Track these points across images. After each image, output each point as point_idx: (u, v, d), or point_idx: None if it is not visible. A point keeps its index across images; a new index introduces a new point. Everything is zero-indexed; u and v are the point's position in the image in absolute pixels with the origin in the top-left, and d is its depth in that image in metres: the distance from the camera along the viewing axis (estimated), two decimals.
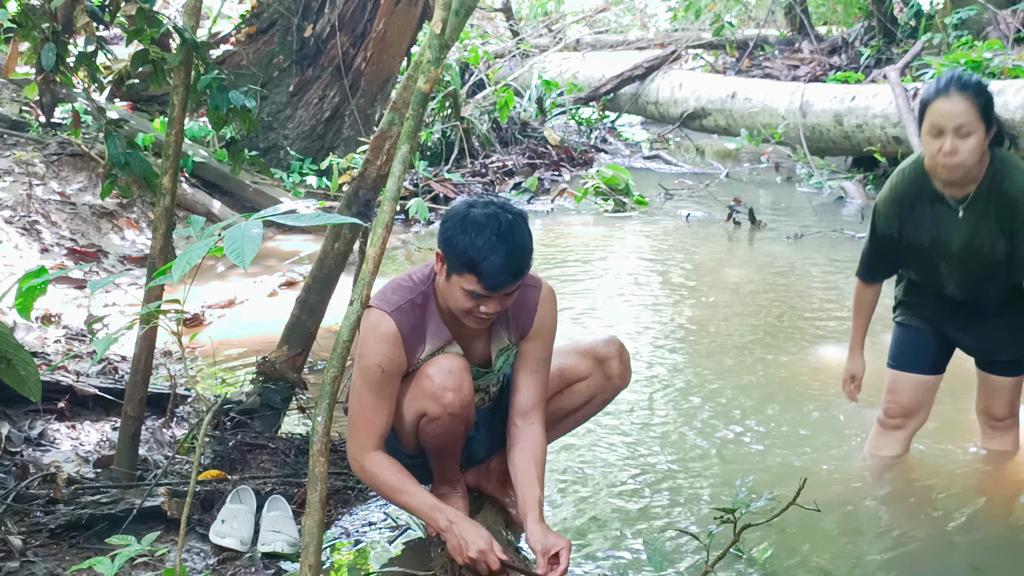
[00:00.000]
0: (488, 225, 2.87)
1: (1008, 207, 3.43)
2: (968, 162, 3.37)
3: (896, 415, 3.88)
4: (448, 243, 2.92)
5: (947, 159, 3.37)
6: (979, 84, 3.44)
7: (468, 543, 2.91)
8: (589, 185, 9.26)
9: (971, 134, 3.36)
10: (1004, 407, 3.81)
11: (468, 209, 2.93)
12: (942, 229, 3.53)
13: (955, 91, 3.37)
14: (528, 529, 2.99)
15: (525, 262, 2.92)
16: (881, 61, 12.30)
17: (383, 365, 3.01)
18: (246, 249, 2.28)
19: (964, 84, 3.40)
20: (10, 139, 7.59)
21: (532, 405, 3.18)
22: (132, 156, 3.53)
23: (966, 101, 3.36)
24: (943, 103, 3.38)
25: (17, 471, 3.55)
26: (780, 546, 3.39)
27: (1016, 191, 3.43)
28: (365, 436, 3.05)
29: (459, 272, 2.91)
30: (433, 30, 2.70)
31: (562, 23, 16.25)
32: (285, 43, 8.88)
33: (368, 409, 3.05)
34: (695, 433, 4.34)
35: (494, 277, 2.87)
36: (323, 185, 8.71)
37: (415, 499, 3.03)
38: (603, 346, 3.39)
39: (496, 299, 2.94)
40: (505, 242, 2.87)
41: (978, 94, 3.39)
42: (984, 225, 3.47)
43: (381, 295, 3.06)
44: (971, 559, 3.40)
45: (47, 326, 5.04)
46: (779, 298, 6.45)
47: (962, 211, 3.47)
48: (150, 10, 3.37)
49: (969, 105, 3.36)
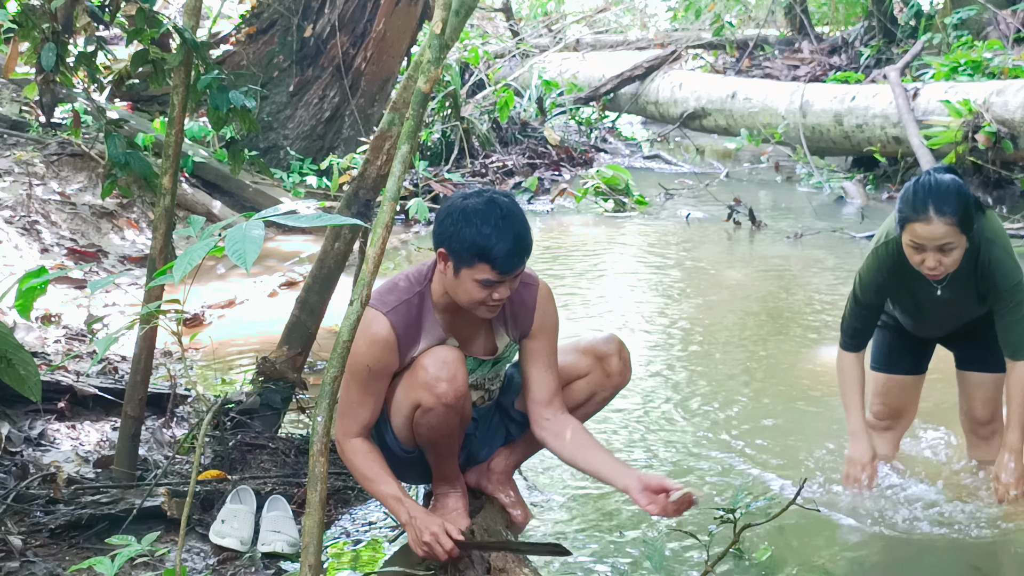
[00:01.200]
0: (490, 212, 2.92)
1: (986, 276, 3.46)
2: (952, 269, 3.38)
3: (886, 417, 3.89)
4: (453, 239, 2.94)
5: (931, 272, 3.38)
6: (957, 199, 3.29)
7: (422, 530, 2.93)
8: (589, 185, 9.25)
9: (954, 248, 3.33)
10: (985, 409, 3.79)
11: (463, 202, 2.97)
12: (922, 299, 3.58)
13: (934, 214, 3.27)
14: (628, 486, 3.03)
15: (530, 240, 2.99)
16: (881, 61, 12.30)
17: (371, 365, 3.05)
18: (248, 250, 2.28)
19: (941, 205, 3.27)
20: (10, 139, 7.59)
21: (553, 394, 3.23)
22: (132, 156, 3.53)
23: (945, 224, 3.27)
24: (922, 227, 3.29)
25: (17, 471, 3.55)
26: (780, 546, 3.38)
27: (994, 262, 3.44)
28: (350, 422, 3.11)
29: (469, 264, 2.93)
30: (433, 30, 2.69)
31: (562, 23, 16.24)
32: (285, 43, 8.88)
33: (354, 402, 3.10)
34: (694, 433, 4.34)
35: (507, 260, 2.92)
36: (323, 185, 8.70)
37: (382, 488, 3.06)
38: (603, 344, 3.41)
39: (507, 283, 2.98)
40: (510, 224, 2.92)
41: (956, 211, 3.27)
42: (964, 293, 3.52)
43: (376, 295, 3.06)
44: (971, 559, 3.40)
45: (47, 326, 5.04)
46: (779, 298, 6.45)
47: (941, 289, 3.49)
48: (150, 10, 3.37)
49: (949, 226, 3.28)
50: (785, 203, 9.53)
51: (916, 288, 3.54)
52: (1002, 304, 3.50)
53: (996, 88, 8.41)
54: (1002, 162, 8.33)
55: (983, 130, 8.10)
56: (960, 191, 3.32)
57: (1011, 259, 3.48)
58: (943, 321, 3.69)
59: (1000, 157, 8.21)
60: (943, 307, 3.58)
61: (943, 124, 8.41)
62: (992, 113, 8.14)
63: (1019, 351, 3.51)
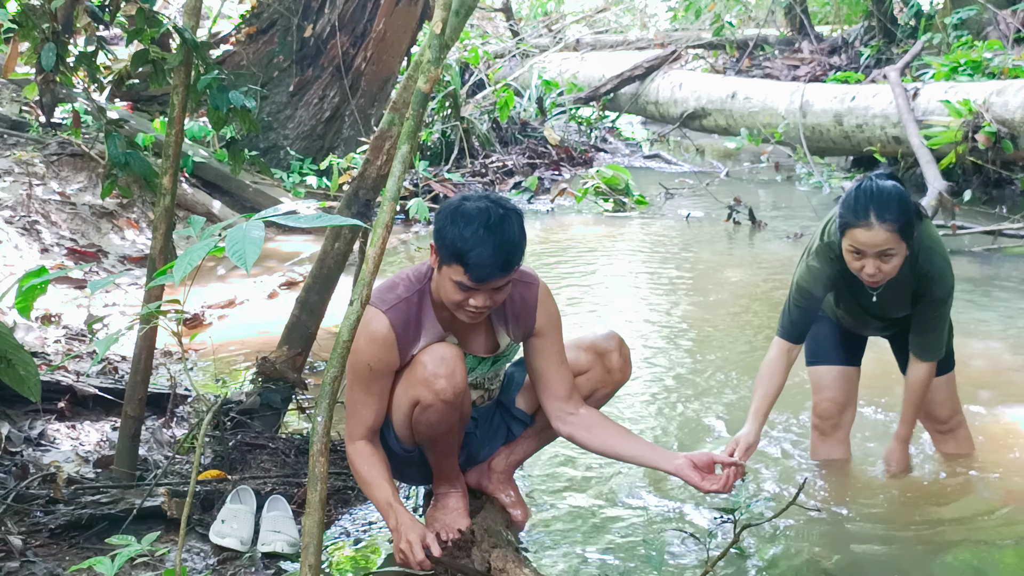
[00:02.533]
0: (477, 217, 2.91)
1: (923, 283, 3.47)
2: (891, 275, 3.39)
3: (831, 414, 3.88)
4: (439, 233, 2.96)
5: (870, 278, 3.38)
6: (898, 206, 3.28)
7: (400, 538, 2.96)
8: (589, 185, 9.26)
9: (894, 255, 3.33)
10: (943, 408, 3.84)
11: (461, 202, 2.98)
12: (859, 299, 3.61)
13: (875, 220, 3.26)
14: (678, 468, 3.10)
15: (514, 256, 2.94)
16: (881, 61, 12.31)
17: (371, 364, 3.06)
18: (248, 251, 2.28)
19: (882, 212, 3.26)
20: (10, 139, 7.59)
21: (571, 389, 3.25)
22: (132, 156, 3.53)
23: (886, 230, 3.26)
24: (863, 233, 3.29)
25: (17, 471, 3.55)
26: (780, 546, 3.38)
27: (935, 271, 3.46)
28: (354, 424, 3.13)
29: (448, 263, 2.94)
30: (433, 30, 2.69)
31: (562, 23, 16.26)
32: (285, 43, 8.88)
33: (357, 402, 3.11)
34: (695, 432, 4.34)
35: (481, 268, 2.89)
36: (323, 185, 8.71)
37: (376, 492, 3.08)
38: (603, 340, 3.42)
39: (485, 292, 2.95)
40: (493, 234, 2.89)
41: (898, 218, 3.27)
42: (900, 294, 3.53)
43: (376, 293, 3.07)
44: (971, 559, 3.40)
45: (47, 326, 5.04)
46: (779, 298, 6.43)
47: (876, 296, 3.52)
48: (150, 10, 3.37)
49: (890, 233, 3.27)
50: (785, 203, 9.53)
51: (854, 289, 3.57)
52: (929, 309, 3.54)
53: (996, 88, 8.41)
54: (1002, 162, 8.33)
55: (983, 130, 8.10)
56: (902, 198, 3.30)
57: (949, 268, 3.51)
58: (878, 321, 3.73)
59: (1000, 157, 8.21)
60: (880, 310, 3.62)
61: (943, 124, 8.41)
62: (992, 113, 8.14)
63: (927, 353, 3.62)
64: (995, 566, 3.39)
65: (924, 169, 8.20)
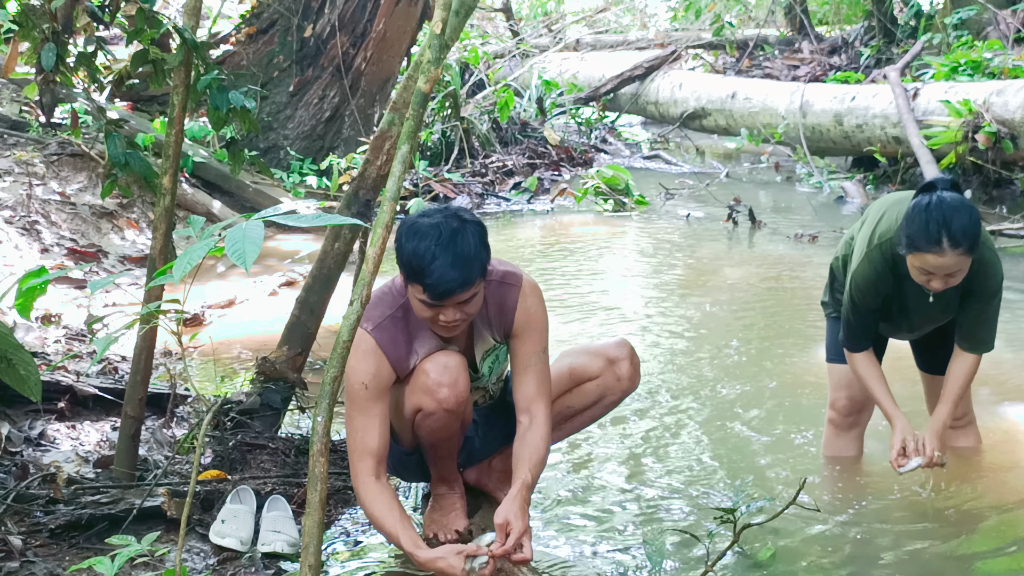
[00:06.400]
0: (429, 234, 2.84)
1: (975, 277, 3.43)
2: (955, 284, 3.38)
3: (850, 412, 3.87)
4: (397, 252, 2.91)
5: (935, 290, 3.38)
6: (970, 228, 3.25)
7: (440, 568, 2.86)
8: (589, 185, 9.26)
9: (960, 272, 3.33)
10: (962, 403, 3.81)
11: (416, 219, 2.92)
12: (910, 303, 3.57)
13: (948, 247, 3.23)
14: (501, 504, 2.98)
15: (470, 270, 2.86)
16: (881, 61, 12.30)
17: (366, 382, 3.00)
18: (248, 250, 2.27)
19: (956, 237, 3.23)
20: (10, 139, 7.59)
21: (531, 399, 3.15)
22: (132, 156, 3.53)
23: (959, 255, 3.25)
24: (935, 258, 3.26)
25: (17, 471, 3.55)
26: (780, 546, 3.38)
27: (985, 263, 3.43)
28: (359, 460, 3.01)
29: (409, 281, 2.92)
30: (433, 30, 2.69)
31: (562, 23, 16.26)
32: (285, 43, 8.89)
33: (359, 431, 3.02)
34: (695, 432, 4.35)
35: (437, 286, 2.84)
36: (323, 185, 8.71)
37: (401, 537, 2.93)
38: (614, 348, 3.43)
39: (451, 307, 2.90)
40: (446, 250, 2.82)
41: (972, 243, 3.25)
42: (952, 296, 3.51)
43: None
44: (971, 558, 3.40)
45: (47, 326, 5.04)
46: (779, 298, 6.45)
47: (933, 297, 3.49)
48: (150, 10, 3.37)
49: (962, 256, 3.26)
50: (785, 203, 9.53)
51: (907, 291, 3.53)
52: (978, 301, 3.51)
53: (996, 88, 8.40)
54: (1002, 162, 8.32)
55: (983, 130, 8.09)
56: (971, 217, 3.27)
57: (998, 259, 3.50)
58: (921, 323, 3.69)
59: (1000, 157, 8.21)
60: (928, 308, 3.57)
61: (943, 124, 8.41)
62: (992, 113, 8.14)
63: (977, 346, 3.58)
64: (997, 566, 3.39)
65: (924, 169, 8.19)
